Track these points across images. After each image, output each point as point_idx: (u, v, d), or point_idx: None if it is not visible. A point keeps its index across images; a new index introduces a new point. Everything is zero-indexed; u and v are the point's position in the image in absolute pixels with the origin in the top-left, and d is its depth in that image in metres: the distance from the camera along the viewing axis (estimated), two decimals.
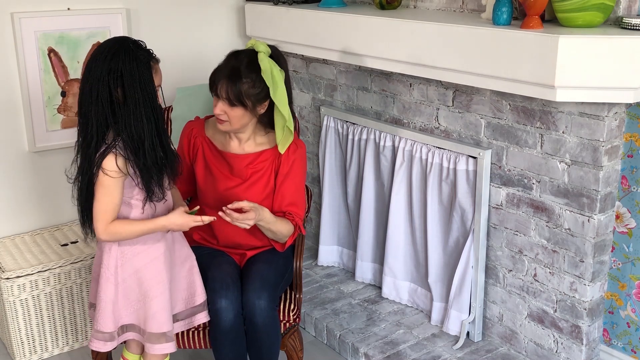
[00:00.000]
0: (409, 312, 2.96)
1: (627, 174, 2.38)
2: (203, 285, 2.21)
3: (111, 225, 1.94)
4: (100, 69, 1.86)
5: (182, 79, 3.32)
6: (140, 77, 1.88)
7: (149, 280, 2.04)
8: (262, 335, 2.22)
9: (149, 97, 1.89)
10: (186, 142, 2.38)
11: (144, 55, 1.91)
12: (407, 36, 2.51)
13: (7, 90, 2.88)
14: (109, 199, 1.92)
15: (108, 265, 2.03)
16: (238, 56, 2.22)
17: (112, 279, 2.03)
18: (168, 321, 2.08)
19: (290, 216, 2.31)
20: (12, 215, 2.99)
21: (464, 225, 2.69)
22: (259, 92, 2.19)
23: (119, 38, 1.94)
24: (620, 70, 2.05)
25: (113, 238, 1.97)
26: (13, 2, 2.83)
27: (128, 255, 2.03)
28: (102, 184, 1.90)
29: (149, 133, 1.90)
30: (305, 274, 3.26)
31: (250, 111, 2.21)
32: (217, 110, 2.20)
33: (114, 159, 1.88)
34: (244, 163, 2.30)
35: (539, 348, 2.58)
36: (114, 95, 1.86)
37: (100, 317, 2.05)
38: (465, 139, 2.66)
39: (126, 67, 1.86)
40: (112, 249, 2.02)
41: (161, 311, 2.06)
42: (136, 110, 1.87)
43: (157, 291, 2.05)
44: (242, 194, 2.29)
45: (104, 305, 2.04)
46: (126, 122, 1.87)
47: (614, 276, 2.48)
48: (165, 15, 3.24)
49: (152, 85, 1.91)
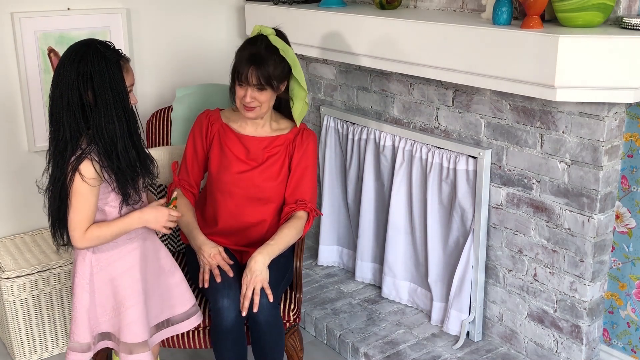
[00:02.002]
0: (409, 312, 2.96)
1: (627, 174, 2.38)
2: (191, 293, 2.21)
3: (88, 231, 1.90)
4: (69, 73, 1.82)
5: (182, 79, 3.32)
6: (110, 78, 1.83)
7: (124, 289, 2.00)
8: (265, 333, 2.22)
9: (120, 97, 1.85)
10: (200, 130, 2.41)
11: (112, 55, 1.86)
12: (407, 36, 2.51)
13: (7, 90, 2.88)
14: (87, 206, 1.88)
15: (83, 273, 1.98)
16: (254, 43, 2.29)
17: (87, 287, 1.98)
18: (143, 331, 2.03)
19: (302, 204, 2.35)
20: (12, 215, 2.98)
21: (464, 225, 2.69)
22: (281, 71, 2.30)
23: (85, 41, 1.89)
24: (620, 70, 2.05)
25: (91, 243, 1.93)
26: (13, 2, 2.83)
27: (103, 264, 1.98)
28: (78, 191, 1.85)
29: (121, 135, 1.86)
30: (305, 274, 3.26)
31: (275, 92, 2.31)
32: (248, 99, 2.26)
33: (90, 164, 1.84)
34: (261, 146, 2.37)
35: (539, 348, 2.59)
36: (85, 99, 1.82)
37: (76, 328, 2.00)
38: (465, 139, 2.66)
39: (95, 69, 1.82)
40: (86, 256, 1.98)
41: (136, 321, 2.01)
42: (107, 112, 1.83)
43: (132, 301, 2.00)
44: (257, 176, 2.35)
45: (80, 315, 1.99)
46: (98, 125, 1.83)
47: (614, 276, 2.49)
48: (165, 15, 3.24)
49: (122, 85, 1.87)
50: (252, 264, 2.19)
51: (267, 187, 2.35)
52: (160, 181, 2.63)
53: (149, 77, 3.24)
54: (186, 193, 2.41)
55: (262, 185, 2.34)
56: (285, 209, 2.37)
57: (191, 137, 2.43)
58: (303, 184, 2.38)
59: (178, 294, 2.17)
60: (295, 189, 2.37)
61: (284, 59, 2.28)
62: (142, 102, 3.23)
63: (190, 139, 2.43)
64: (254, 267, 2.18)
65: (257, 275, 2.17)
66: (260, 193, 2.36)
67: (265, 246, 2.24)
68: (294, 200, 2.36)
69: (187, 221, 2.33)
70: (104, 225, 1.93)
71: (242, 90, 2.27)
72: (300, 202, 2.36)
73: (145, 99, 3.24)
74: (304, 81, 2.35)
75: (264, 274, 2.18)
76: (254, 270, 2.18)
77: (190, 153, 2.42)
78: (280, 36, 2.34)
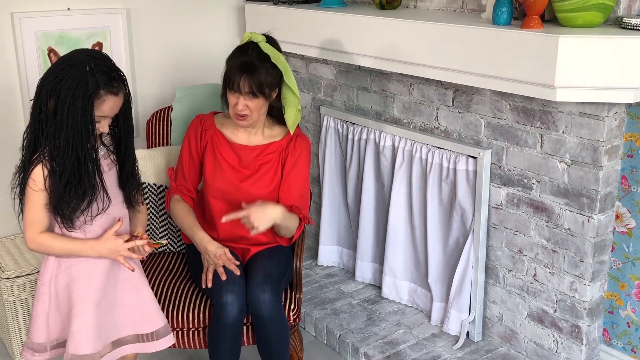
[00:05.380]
0: (409, 312, 2.96)
1: (627, 174, 2.38)
2: (162, 314, 2.13)
3: (40, 236, 1.87)
4: (49, 75, 1.80)
5: (181, 79, 3.32)
6: (70, 104, 1.77)
7: (76, 295, 1.93)
8: (269, 329, 2.22)
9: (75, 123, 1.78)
10: (195, 134, 2.41)
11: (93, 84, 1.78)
12: (407, 36, 2.51)
13: (7, 90, 2.88)
14: (34, 209, 1.85)
15: (43, 275, 1.95)
16: (245, 51, 2.28)
17: (46, 290, 1.94)
18: (87, 344, 1.92)
19: (297, 209, 2.34)
20: (12, 215, 2.97)
21: (464, 225, 2.69)
22: (273, 78, 2.28)
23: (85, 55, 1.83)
24: (620, 70, 2.05)
25: (39, 249, 1.90)
26: (13, 2, 2.83)
27: (64, 266, 1.93)
28: (27, 192, 1.84)
29: (71, 168, 1.80)
30: (305, 274, 3.26)
31: (267, 99, 2.29)
32: (240, 107, 2.25)
33: (40, 169, 1.81)
34: (253, 154, 2.36)
35: (539, 348, 2.59)
36: (44, 107, 1.78)
37: (33, 328, 1.96)
38: (465, 139, 2.66)
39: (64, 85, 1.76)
40: (49, 258, 1.94)
41: (82, 331, 1.92)
42: (57, 130, 1.78)
43: (81, 310, 1.92)
44: (250, 186, 2.34)
45: (37, 317, 1.95)
46: (50, 135, 1.79)
47: (614, 276, 2.49)
48: (165, 15, 3.24)
49: (82, 114, 1.78)
50: (269, 208, 2.19)
51: (260, 195, 2.34)
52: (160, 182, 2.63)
53: (149, 77, 3.24)
54: (185, 198, 2.41)
55: (256, 194, 2.34)
56: None
57: (186, 142, 2.42)
58: (296, 191, 2.37)
59: (144, 312, 2.08)
60: (287, 195, 2.36)
61: (275, 66, 2.27)
62: (142, 102, 3.23)
63: (186, 144, 2.42)
64: (268, 213, 2.18)
65: (263, 222, 2.17)
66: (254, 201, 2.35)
67: (284, 209, 2.24)
68: (287, 206, 2.34)
69: (190, 224, 2.33)
70: (58, 239, 1.89)
71: (234, 99, 2.26)
72: (294, 208, 2.35)
73: (145, 99, 3.24)
74: (296, 88, 2.34)
75: (270, 223, 2.19)
76: (267, 212, 2.18)
77: (187, 158, 2.42)
78: (271, 42, 2.32)
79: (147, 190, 2.62)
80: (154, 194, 2.63)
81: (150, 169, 2.61)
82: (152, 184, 2.62)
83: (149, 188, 2.62)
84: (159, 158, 2.64)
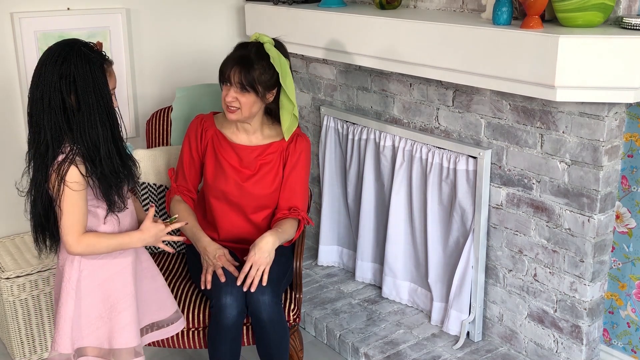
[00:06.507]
0: (409, 312, 2.96)
1: (627, 174, 2.38)
2: (173, 299, 2.19)
3: (85, 237, 1.84)
4: (51, 74, 1.77)
5: (182, 79, 3.32)
6: (94, 81, 1.78)
7: (116, 292, 1.93)
8: (269, 331, 2.22)
9: (104, 101, 1.80)
10: (195, 135, 2.40)
11: (96, 57, 1.81)
12: (407, 36, 2.51)
13: (6, 90, 2.88)
14: (76, 210, 1.81)
15: (70, 278, 1.90)
16: (246, 46, 2.28)
17: (72, 293, 1.90)
18: (136, 336, 1.97)
19: (295, 212, 2.35)
20: (12, 215, 2.98)
21: (464, 225, 2.69)
22: (269, 78, 2.26)
23: (68, 41, 1.84)
24: (620, 70, 2.05)
25: (87, 251, 1.86)
26: (13, 2, 2.83)
27: (91, 268, 1.91)
28: (66, 196, 1.79)
29: (105, 140, 1.80)
30: (305, 274, 3.26)
31: (260, 98, 2.27)
32: (229, 98, 2.25)
33: (75, 169, 1.78)
34: (254, 155, 2.36)
35: (539, 348, 2.58)
36: (67, 102, 1.77)
37: (59, 337, 1.90)
38: (465, 139, 2.66)
39: (79, 72, 1.76)
40: (75, 260, 1.90)
41: (130, 324, 1.94)
42: (90, 117, 1.78)
43: (126, 304, 1.94)
44: (252, 186, 2.34)
45: (63, 323, 1.90)
46: (81, 130, 1.78)
47: (614, 276, 2.48)
48: (165, 15, 3.24)
49: (106, 89, 1.81)
50: (262, 243, 2.19)
51: (262, 195, 2.35)
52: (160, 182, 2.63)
53: (149, 77, 3.24)
54: (185, 198, 2.41)
55: (257, 194, 2.35)
56: (278, 214, 2.37)
57: (186, 143, 2.42)
58: (296, 191, 2.37)
59: (160, 299, 2.12)
60: (288, 195, 2.36)
61: (273, 67, 2.25)
62: (142, 102, 3.23)
63: (186, 145, 2.42)
64: (264, 247, 2.18)
65: (266, 256, 2.17)
66: (256, 201, 2.36)
67: (275, 232, 2.24)
68: (287, 207, 2.36)
69: (190, 224, 2.33)
70: (103, 237, 1.88)
71: (225, 90, 2.27)
72: (294, 209, 2.35)
73: (145, 99, 3.24)
74: (292, 94, 2.31)
75: (271, 255, 2.19)
76: (263, 250, 2.18)
77: (187, 158, 2.42)
78: (278, 47, 2.31)
79: (147, 191, 2.62)
80: (154, 194, 2.63)
81: (150, 169, 2.61)
82: (152, 184, 2.62)
83: (149, 188, 2.62)
84: (159, 158, 2.64)
